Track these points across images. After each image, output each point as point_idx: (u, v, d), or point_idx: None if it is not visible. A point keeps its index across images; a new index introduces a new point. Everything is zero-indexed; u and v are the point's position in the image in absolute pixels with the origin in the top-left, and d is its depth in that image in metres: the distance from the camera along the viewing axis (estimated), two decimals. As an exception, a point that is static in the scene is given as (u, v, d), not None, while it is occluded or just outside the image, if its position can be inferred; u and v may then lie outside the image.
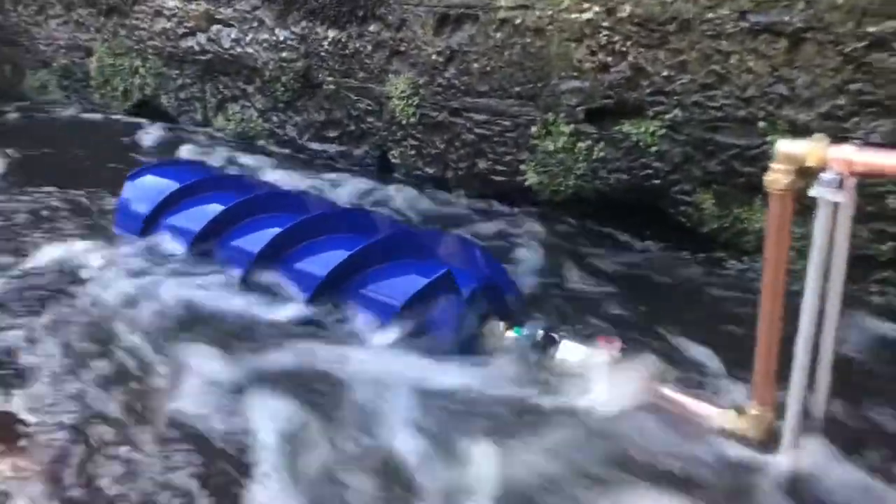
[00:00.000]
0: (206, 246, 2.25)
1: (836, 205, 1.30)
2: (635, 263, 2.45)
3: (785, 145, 1.37)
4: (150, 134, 3.76)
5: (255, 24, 3.47)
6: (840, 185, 1.27)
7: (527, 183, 2.77)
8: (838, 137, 2.07)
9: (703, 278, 2.29)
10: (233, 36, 3.56)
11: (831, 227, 1.31)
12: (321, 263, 2.07)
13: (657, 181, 2.48)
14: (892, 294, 2.13)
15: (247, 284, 2.12)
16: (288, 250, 2.11)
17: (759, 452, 1.52)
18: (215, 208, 2.27)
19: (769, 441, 1.53)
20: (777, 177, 1.37)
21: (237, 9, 3.51)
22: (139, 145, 3.66)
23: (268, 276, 2.11)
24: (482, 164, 2.90)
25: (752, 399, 1.55)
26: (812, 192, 1.31)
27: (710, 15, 2.24)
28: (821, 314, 1.50)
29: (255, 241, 2.17)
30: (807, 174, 1.34)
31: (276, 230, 2.13)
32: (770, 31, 2.15)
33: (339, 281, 2.01)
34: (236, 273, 2.14)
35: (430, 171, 3.06)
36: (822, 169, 1.32)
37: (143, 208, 2.38)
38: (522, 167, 2.78)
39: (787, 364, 1.46)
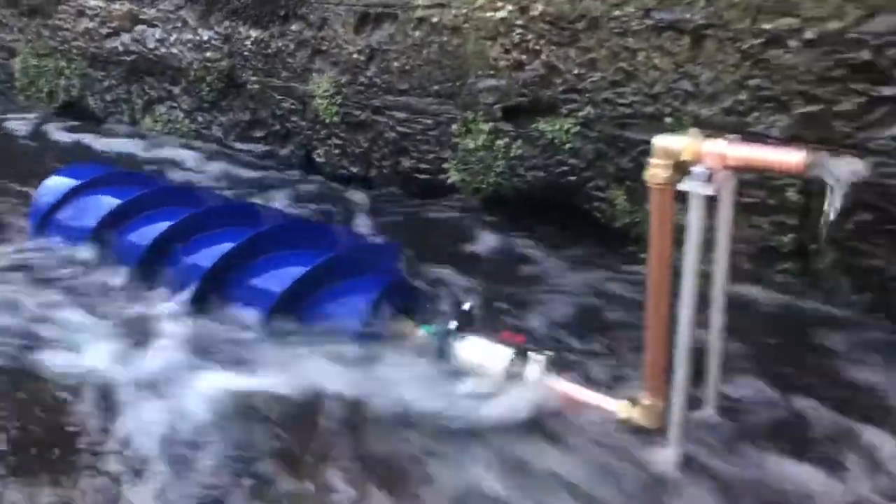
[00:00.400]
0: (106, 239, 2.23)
1: (709, 198, 1.33)
2: (552, 260, 2.47)
3: (661, 140, 1.40)
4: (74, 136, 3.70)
5: (179, 24, 3.43)
6: (710, 178, 1.30)
7: (449, 181, 2.79)
8: (740, 132, 2.13)
9: (613, 274, 2.32)
10: (157, 36, 3.52)
11: (704, 220, 1.34)
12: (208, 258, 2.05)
13: (572, 178, 2.52)
14: (794, 284, 2.19)
15: (139, 276, 2.12)
16: (178, 245, 2.11)
17: (651, 441, 1.55)
18: (110, 203, 2.25)
19: (662, 429, 1.56)
20: (656, 171, 1.40)
21: (161, 9, 3.47)
22: (61, 147, 3.60)
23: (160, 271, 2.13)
24: (406, 163, 2.91)
25: (643, 390, 1.58)
26: (682, 186, 1.34)
27: (617, 13, 2.28)
28: (710, 304, 1.55)
29: (146, 235, 2.16)
30: (684, 168, 1.37)
31: (167, 223, 2.13)
32: (674, 29, 2.19)
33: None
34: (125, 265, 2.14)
35: (354, 170, 3.06)
36: (698, 163, 1.35)
37: (46, 208, 2.34)
38: (445, 165, 2.79)
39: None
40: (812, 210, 2.10)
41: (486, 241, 2.57)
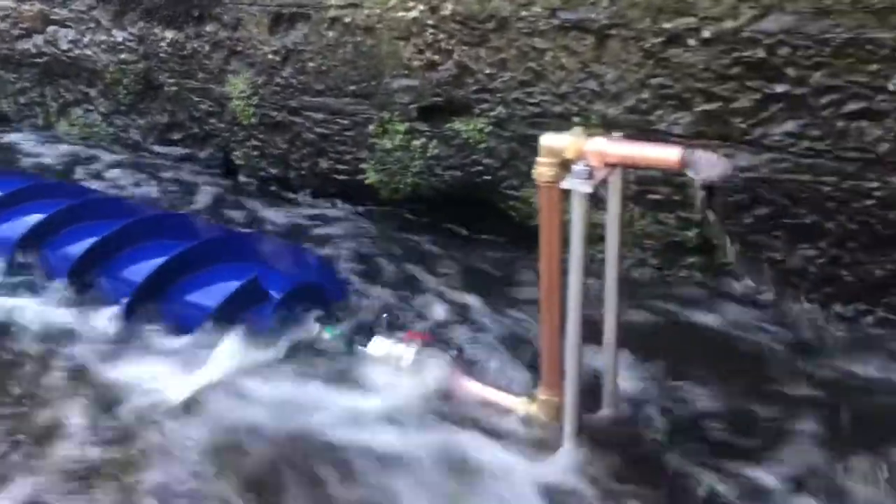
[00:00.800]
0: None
1: (589, 195, 1.35)
2: (468, 260, 2.48)
3: (547, 139, 1.41)
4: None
5: (92, 24, 3.35)
6: (590, 175, 1.32)
7: (367, 181, 2.78)
8: (645, 130, 2.18)
9: (527, 274, 2.33)
10: (70, 37, 3.43)
11: (587, 217, 1.36)
12: (137, 271, 2.04)
13: (488, 177, 2.53)
14: (699, 278, 2.23)
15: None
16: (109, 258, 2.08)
17: (546, 437, 1.56)
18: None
19: (558, 424, 1.57)
20: (542, 170, 1.42)
21: (73, 9, 3.38)
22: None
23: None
24: (324, 164, 2.89)
25: (540, 385, 1.59)
26: (564, 185, 1.35)
27: (525, 13, 2.30)
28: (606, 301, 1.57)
29: (77, 247, 2.13)
30: (569, 166, 1.39)
31: (95, 238, 2.10)
32: (579, 28, 2.22)
33: (154, 288, 1.98)
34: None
35: (273, 171, 3.03)
36: (580, 161, 1.36)
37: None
38: (363, 166, 2.78)
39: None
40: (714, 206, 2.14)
41: (400, 242, 2.57)
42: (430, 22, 2.48)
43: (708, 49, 2.03)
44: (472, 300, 2.16)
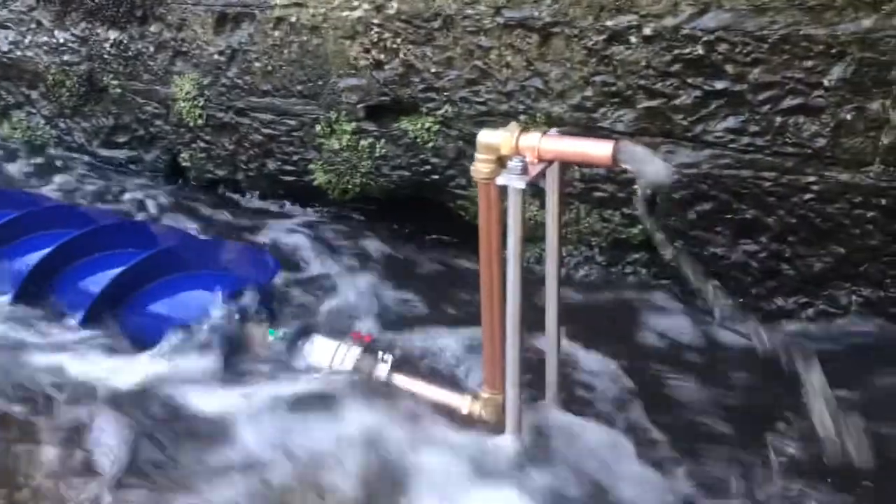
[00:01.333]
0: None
1: (525, 191, 1.34)
2: (416, 260, 2.47)
3: (484, 136, 1.40)
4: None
5: (33, 25, 3.27)
6: (524, 170, 1.31)
7: (315, 182, 2.75)
8: (589, 127, 2.18)
9: (468, 272, 2.33)
10: (10, 38, 3.35)
11: (523, 213, 1.35)
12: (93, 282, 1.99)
13: (436, 176, 2.52)
14: (643, 274, 2.25)
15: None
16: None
17: (489, 434, 1.56)
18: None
19: (501, 422, 1.57)
20: (479, 166, 1.41)
21: (13, 10, 3.30)
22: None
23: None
24: (272, 165, 2.86)
25: (483, 383, 1.59)
26: (500, 180, 1.35)
27: (470, 11, 2.29)
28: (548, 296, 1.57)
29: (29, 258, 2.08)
30: (504, 163, 1.38)
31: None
32: (523, 27, 2.22)
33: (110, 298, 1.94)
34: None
35: (220, 173, 2.99)
36: (515, 157, 1.36)
37: None
38: (311, 167, 2.76)
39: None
40: (657, 202, 2.16)
41: (348, 243, 2.55)
42: (375, 21, 2.46)
43: (649, 46, 2.05)
44: (416, 300, 2.15)
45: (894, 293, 1.98)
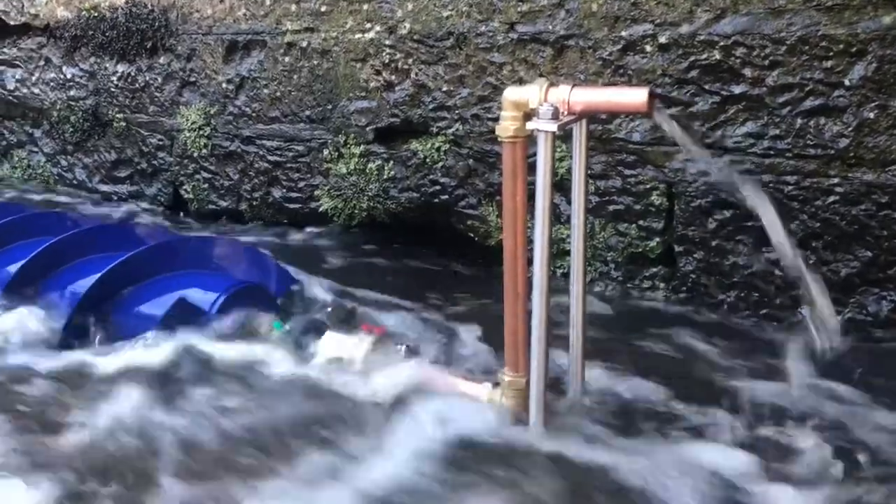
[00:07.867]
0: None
1: (554, 136, 1.29)
2: (426, 278, 2.40)
3: (511, 92, 1.36)
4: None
5: (42, 62, 3.28)
6: (556, 115, 1.26)
7: (322, 208, 2.69)
8: (604, 138, 2.15)
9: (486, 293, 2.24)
10: (17, 77, 3.36)
11: (552, 162, 1.29)
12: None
13: (445, 196, 2.47)
14: (662, 289, 2.17)
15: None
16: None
17: (513, 422, 1.45)
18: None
19: (525, 408, 1.46)
20: (506, 125, 1.36)
21: (22, 48, 3.32)
22: None
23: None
24: (277, 193, 2.81)
25: (505, 367, 1.49)
26: (530, 125, 1.29)
27: (483, 28, 2.30)
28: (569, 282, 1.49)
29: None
30: (532, 117, 1.33)
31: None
32: (537, 41, 2.22)
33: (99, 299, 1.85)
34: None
35: (223, 203, 2.93)
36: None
37: None
38: (317, 192, 2.71)
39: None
40: (675, 213, 2.11)
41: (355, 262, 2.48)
42: (387, 42, 2.47)
43: (665, 54, 2.04)
44: (424, 312, 2.06)
45: (925, 301, 1.91)
